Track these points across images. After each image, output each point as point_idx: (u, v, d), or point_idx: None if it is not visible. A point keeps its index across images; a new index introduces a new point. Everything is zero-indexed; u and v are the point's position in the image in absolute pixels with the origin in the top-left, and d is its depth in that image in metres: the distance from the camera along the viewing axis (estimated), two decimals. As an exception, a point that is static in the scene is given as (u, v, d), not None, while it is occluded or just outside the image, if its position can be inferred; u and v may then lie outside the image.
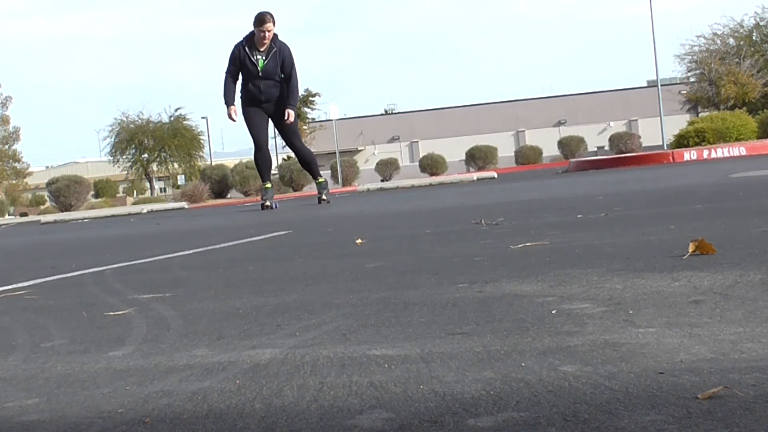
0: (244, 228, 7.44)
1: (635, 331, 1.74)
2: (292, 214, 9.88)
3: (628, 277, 2.44)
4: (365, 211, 8.87)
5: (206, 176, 34.73)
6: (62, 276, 4.13)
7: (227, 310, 2.54)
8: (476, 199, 9.16)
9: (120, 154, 45.52)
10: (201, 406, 1.47)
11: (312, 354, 1.80)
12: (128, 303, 2.86)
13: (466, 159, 42.21)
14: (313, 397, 1.46)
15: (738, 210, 4.42)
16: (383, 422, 1.29)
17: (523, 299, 2.24)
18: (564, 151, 43.65)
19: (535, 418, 1.24)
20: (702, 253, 2.72)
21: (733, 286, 2.14)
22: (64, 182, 30.74)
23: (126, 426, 1.39)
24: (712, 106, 40.15)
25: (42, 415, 1.50)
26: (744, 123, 26.71)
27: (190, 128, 46.17)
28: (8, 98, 58.65)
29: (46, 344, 2.22)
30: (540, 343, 1.71)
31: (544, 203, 6.95)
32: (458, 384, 1.45)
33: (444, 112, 62.77)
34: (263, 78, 10.51)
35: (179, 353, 1.94)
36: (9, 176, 59.23)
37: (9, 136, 58.73)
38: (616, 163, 20.92)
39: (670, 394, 1.29)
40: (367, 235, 5.02)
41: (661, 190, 7.29)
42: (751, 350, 1.51)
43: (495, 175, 23.08)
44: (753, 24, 45.54)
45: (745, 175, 8.45)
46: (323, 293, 2.70)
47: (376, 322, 2.11)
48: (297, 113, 11.09)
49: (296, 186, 33.70)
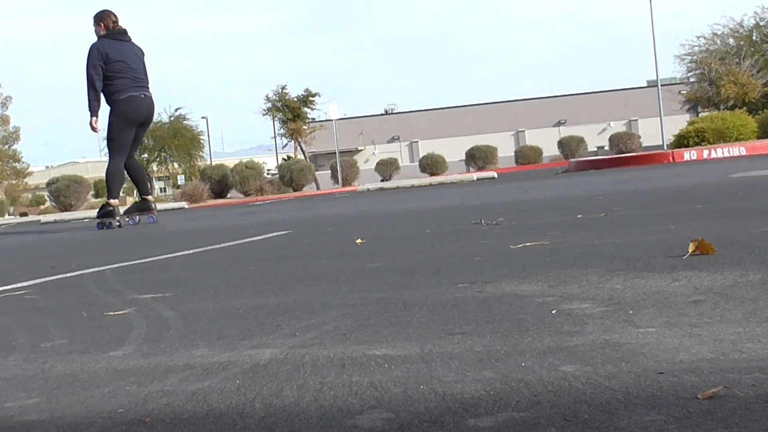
0: (244, 228, 7.44)
1: (635, 331, 1.74)
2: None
3: (628, 277, 2.44)
4: (365, 211, 8.87)
5: (206, 176, 34.74)
6: (62, 276, 4.13)
7: (227, 310, 2.54)
8: (476, 199, 9.17)
9: (120, 154, 45.46)
10: (201, 406, 1.47)
11: (312, 354, 1.79)
12: (128, 303, 2.86)
13: (466, 159, 42.23)
14: (313, 397, 1.46)
15: (738, 210, 4.42)
16: (383, 422, 1.29)
17: (523, 299, 2.24)
18: (564, 151, 43.66)
19: (535, 418, 1.24)
20: (702, 253, 2.72)
21: (733, 286, 2.14)
22: (64, 182, 30.75)
23: (126, 426, 1.39)
24: (712, 106, 40.15)
25: (42, 415, 1.50)
26: (744, 123, 26.72)
27: (190, 128, 46.15)
28: (8, 98, 58.67)
29: (46, 344, 2.22)
30: (540, 343, 1.71)
31: (544, 203, 6.95)
32: (458, 384, 1.45)
33: (444, 112, 62.78)
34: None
35: (179, 353, 1.94)
36: (9, 176, 59.23)
37: (9, 136, 58.73)
38: (616, 163, 20.93)
39: (670, 394, 1.29)
40: (367, 235, 5.02)
41: (661, 190, 7.29)
42: (751, 350, 1.51)
43: (495, 175, 23.09)
44: (753, 24, 45.53)
45: (745, 175, 8.45)
46: (323, 293, 2.70)
47: (376, 322, 2.11)
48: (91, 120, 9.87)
49: (296, 186, 33.69)
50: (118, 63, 9.81)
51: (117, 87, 9.79)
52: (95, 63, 9.77)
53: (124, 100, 9.79)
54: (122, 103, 9.77)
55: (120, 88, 9.79)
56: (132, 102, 9.83)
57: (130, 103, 9.82)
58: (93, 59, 9.77)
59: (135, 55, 10.05)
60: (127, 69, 9.87)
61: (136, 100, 9.87)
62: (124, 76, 9.83)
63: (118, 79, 9.80)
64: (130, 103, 9.81)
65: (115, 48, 9.89)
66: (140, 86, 9.96)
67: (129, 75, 9.89)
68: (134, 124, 9.91)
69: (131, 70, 9.91)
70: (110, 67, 9.77)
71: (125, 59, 9.89)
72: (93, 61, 9.77)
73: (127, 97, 9.80)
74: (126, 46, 10.01)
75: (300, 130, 41.22)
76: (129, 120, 9.83)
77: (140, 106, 9.90)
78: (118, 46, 9.93)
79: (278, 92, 41.18)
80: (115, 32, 9.98)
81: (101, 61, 9.76)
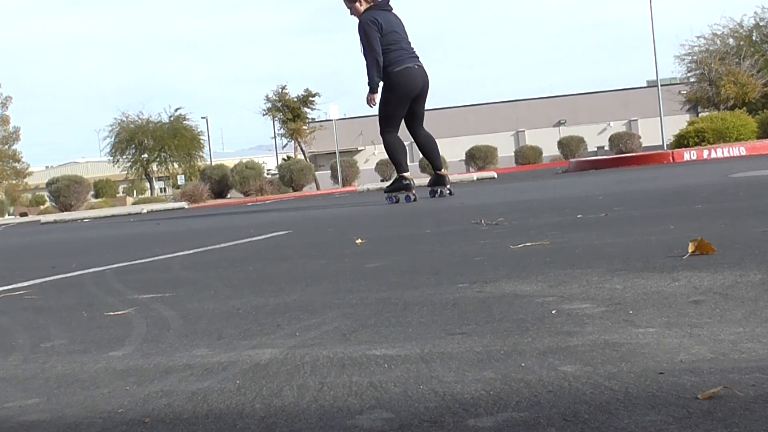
0: (244, 228, 7.44)
1: (635, 331, 1.74)
2: (295, 214, 9.88)
3: (628, 277, 2.44)
4: (365, 211, 8.87)
5: (206, 176, 34.78)
6: (62, 276, 4.13)
7: (227, 310, 2.54)
8: (476, 199, 9.17)
9: (120, 154, 45.56)
10: (201, 406, 1.47)
11: (312, 354, 1.79)
12: (128, 303, 2.86)
13: (466, 159, 42.26)
14: (313, 397, 1.46)
15: (738, 210, 4.42)
16: (383, 422, 1.29)
17: (523, 299, 2.23)
18: (564, 151, 43.70)
19: (535, 418, 1.24)
20: (702, 253, 2.72)
21: (733, 286, 2.14)
22: (64, 182, 30.77)
23: (126, 426, 1.39)
24: (712, 106, 40.17)
25: (42, 415, 1.50)
26: (744, 123, 26.72)
27: (190, 128, 46.22)
28: (8, 98, 58.65)
29: (46, 344, 2.22)
30: (540, 343, 1.71)
31: (544, 203, 6.95)
32: (458, 384, 1.45)
33: (444, 112, 62.77)
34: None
35: (179, 353, 1.94)
36: (9, 176, 59.21)
37: (9, 136, 58.71)
38: (616, 163, 20.93)
39: (670, 394, 1.29)
40: (367, 235, 5.02)
41: (660, 190, 7.29)
42: (751, 350, 1.51)
43: (495, 175, 23.10)
44: (753, 24, 45.58)
45: (745, 175, 8.45)
46: (323, 293, 2.70)
47: (376, 322, 2.11)
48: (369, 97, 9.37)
49: (296, 186, 33.69)
50: (392, 34, 9.36)
51: (392, 59, 9.33)
52: (375, 35, 9.24)
53: (401, 72, 9.33)
54: (399, 75, 9.32)
55: (396, 59, 9.34)
56: (409, 74, 9.36)
57: (407, 76, 9.35)
58: (372, 32, 9.26)
59: (402, 25, 9.56)
60: (400, 39, 9.42)
61: (413, 72, 9.39)
62: (398, 47, 9.39)
63: (393, 51, 9.35)
64: (406, 75, 9.34)
65: (386, 18, 9.41)
66: (413, 57, 9.49)
67: (402, 46, 9.44)
68: (409, 98, 9.42)
69: (403, 40, 9.45)
70: (385, 39, 9.31)
71: (397, 29, 9.44)
72: (372, 34, 9.24)
73: (404, 69, 9.34)
74: (393, 16, 9.52)
75: (300, 130, 41.26)
76: (406, 93, 9.37)
77: (417, 77, 9.42)
78: (388, 16, 9.45)
79: (278, 92, 41.22)
80: (381, 1, 9.45)
81: (378, 33, 9.27)
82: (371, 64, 9.29)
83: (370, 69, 9.29)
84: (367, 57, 9.32)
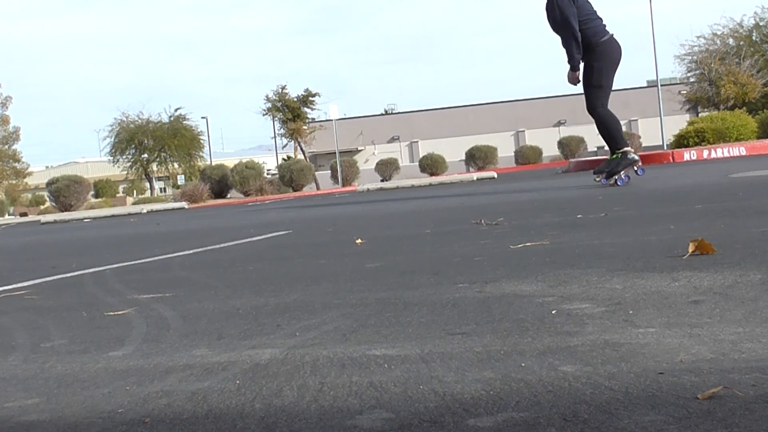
0: (244, 228, 7.44)
1: (635, 331, 1.73)
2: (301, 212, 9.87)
3: (628, 277, 2.44)
4: (365, 211, 8.87)
5: (206, 176, 34.76)
6: (62, 276, 4.13)
7: (227, 310, 2.54)
8: (476, 199, 9.16)
9: (120, 154, 45.54)
10: (201, 406, 1.47)
11: (312, 354, 1.79)
12: (128, 303, 2.86)
13: (466, 159, 42.25)
14: (313, 397, 1.46)
15: (738, 210, 4.42)
16: (383, 422, 1.29)
17: (523, 299, 2.23)
18: (564, 151, 43.68)
19: (535, 418, 1.24)
20: (702, 253, 2.72)
21: (733, 286, 2.14)
22: (64, 182, 30.77)
23: (126, 426, 1.39)
24: (712, 106, 40.16)
25: (42, 415, 1.50)
26: (744, 123, 26.70)
27: (190, 128, 46.19)
28: (8, 98, 58.64)
29: (46, 344, 2.22)
30: (540, 343, 1.71)
31: (544, 203, 6.95)
32: (458, 384, 1.45)
33: (444, 112, 62.77)
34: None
35: (179, 353, 1.94)
36: (9, 176, 59.19)
37: (9, 136, 58.68)
38: (616, 163, 20.87)
39: (670, 394, 1.29)
40: (367, 235, 5.02)
41: (660, 190, 7.29)
42: (751, 350, 1.51)
43: (495, 175, 23.10)
44: (753, 24, 45.58)
45: (745, 175, 8.45)
46: (323, 293, 2.70)
47: (376, 322, 2.11)
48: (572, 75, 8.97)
49: (296, 186, 33.68)
50: (586, 5, 9.02)
51: (595, 30, 8.95)
52: (572, 10, 8.84)
53: (607, 42, 8.96)
54: (607, 44, 8.95)
55: (598, 29, 8.96)
56: (615, 43, 9.02)
57: (614, 44, 9.00)
58: (568, 8, 8.86)
59: None
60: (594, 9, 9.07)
61: (616, 41, 9.07)
62: (596, 16, 9.04)
63: (594, 20, 8.99)
64: (613, 44, 8.99)
65: None
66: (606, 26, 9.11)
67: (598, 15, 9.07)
68: (617, 66, 9.08)
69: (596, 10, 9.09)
70: (582, 11, 8.92)
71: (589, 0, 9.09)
72: (569, 9, 8.82)
73: (609, 38, 8.98)
74: None
75: (300, 130, 41.24)
76: (615, 62, 9.02)
77: (619, 46, 9.08)
78: None
79: (278, 92, 41.21)
80: None
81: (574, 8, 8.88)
82: (569, 42, 8.95)
83: (570, 47, 8.96)
84: (564, 34, 8.97)
